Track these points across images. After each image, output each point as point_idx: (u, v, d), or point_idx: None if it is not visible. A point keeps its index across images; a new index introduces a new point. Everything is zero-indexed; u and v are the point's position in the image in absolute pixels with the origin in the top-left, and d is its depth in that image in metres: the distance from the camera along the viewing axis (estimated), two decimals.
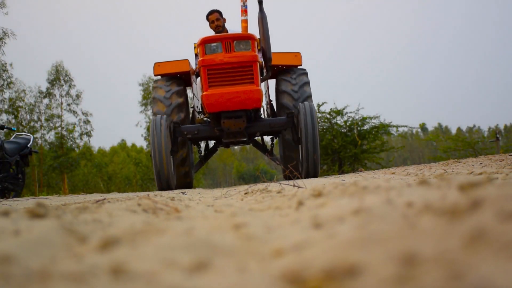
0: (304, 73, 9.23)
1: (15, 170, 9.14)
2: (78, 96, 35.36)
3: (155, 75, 9.22)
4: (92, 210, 1.75)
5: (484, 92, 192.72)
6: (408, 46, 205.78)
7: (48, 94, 34.92)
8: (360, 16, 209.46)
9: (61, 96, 35.31)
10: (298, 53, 9.38)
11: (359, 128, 15.31)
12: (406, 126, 16.72)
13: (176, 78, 9.11)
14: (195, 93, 9.25)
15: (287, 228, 1.16)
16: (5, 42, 28.53)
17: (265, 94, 9.43)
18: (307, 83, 9.08)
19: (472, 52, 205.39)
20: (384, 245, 0.72)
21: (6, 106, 31.92)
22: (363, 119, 15.46)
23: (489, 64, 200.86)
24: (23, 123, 33.38)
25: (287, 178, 8.62)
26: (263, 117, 9.00)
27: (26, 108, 33.81)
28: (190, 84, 9.39)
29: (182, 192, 5.28)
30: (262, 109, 9.12)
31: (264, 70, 8.08)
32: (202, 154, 9.95)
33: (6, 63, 30.31)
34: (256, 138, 9.58)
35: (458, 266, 0.59)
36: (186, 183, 9.08)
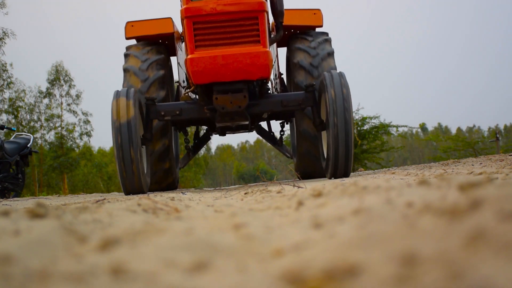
0: (326, 38, 6.72)
1: (15, 170, 9.14)
2: (78, 96, 35.35)
3: (127, 38, 6.77)
4: (92, 210, 1.74)
5: (484, 92, 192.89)
6: (408, 47, 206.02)
7: (48, 94, 34.92)
8: (359, 15, 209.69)
9: (61, 96, 35.31)
10: (318, 10, 6.88)
11: (359, 128, 15.31)
12: (406, 126, 16.75)
13: (155, 43, 6.78)
14: (181, 63, 6.88)
15: (287, 228, 1.16)
16: (5, 42, 28.55)
17: (274, 63, 6.74)
18: (330, 53, 6.58)
19: (472, 52, 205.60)
20: (384, 245, 0.72)
21: (6, 106, 31.95)
22: (363, 119, 15.47)
23: (489, 64, 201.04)
24: (23, 123, 33.39)
25: (302, 176, 6.81)
26: (271, 92, 6.66)
27: (26, 108, 33.82)
28: (174, 53, 7.06)
29: (182, 192, 5.28)
30: (270, 83, 6.67)
31: (273, 31, 6.10)
32: (190, 143, 7.34)
33: (6, 63, 30.34)
34: (259, 124, 7.27)
35: (458, 266, 0.59)
36: (167, 182, 6.85)
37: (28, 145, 9.42)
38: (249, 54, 5.21)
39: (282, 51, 7.53)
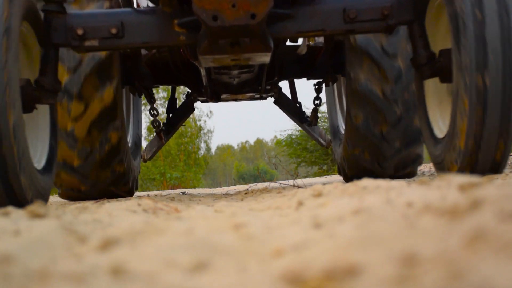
0: None
1: None
2: None
3: None
4: (92, 210, 1.75)
5: None
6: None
7: None
8: None
9: None
10: None
11: None
12: None
13: None
14: None
15: (287, 228, 1.16)
16: None
17: None
18: None
19: None
20: (384, 245, 0.72)
21: None
22: None
23: None
24: None
25: (354, 175, 3.70)
26: None
27: None
28: None
29: (182, 192, 5.28)
30: None
31: None
32: (156, 115, 4.29)
33: None
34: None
35: (458, 266, 0.59)
36: (114, 186, 3.64)
37: None
38: None
39: None
